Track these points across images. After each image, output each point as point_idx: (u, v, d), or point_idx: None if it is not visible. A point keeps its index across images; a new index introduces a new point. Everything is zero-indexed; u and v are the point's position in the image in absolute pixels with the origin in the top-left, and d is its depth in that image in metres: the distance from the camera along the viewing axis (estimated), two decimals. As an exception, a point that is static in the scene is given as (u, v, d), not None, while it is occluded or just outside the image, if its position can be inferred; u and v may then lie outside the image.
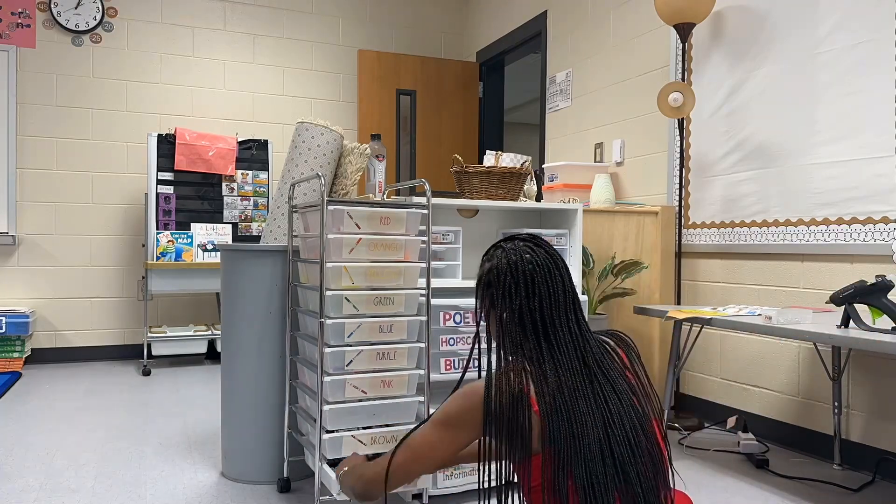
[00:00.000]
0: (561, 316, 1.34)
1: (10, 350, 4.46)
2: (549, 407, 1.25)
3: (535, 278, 1.34)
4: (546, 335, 1.33)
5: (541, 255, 1.37)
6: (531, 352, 1.32)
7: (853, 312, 2.01)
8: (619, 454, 1.25)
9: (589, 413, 1.26)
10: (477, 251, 2.82)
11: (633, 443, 1.26)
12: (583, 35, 4.39)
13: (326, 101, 5.57)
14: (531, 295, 1.34)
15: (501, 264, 1.37)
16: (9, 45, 4.69)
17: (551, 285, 1.35)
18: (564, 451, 1.24)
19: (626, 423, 1.27)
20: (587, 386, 1.29)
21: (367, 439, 2.10)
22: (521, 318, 1.34)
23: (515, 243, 1.39)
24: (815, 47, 2.83)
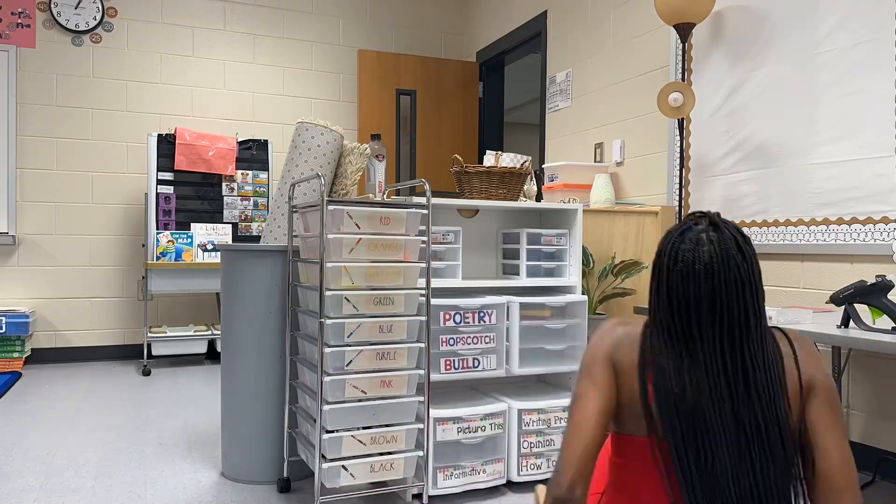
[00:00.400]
0: (715, 330, 1.25)
1: (10, 350, 4.46)
2: (665, 392, 1.21)
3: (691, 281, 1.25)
4: (690, 335, 1.25)
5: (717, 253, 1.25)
6: (671, 337, 1.26)
7: (853, 312, 2.01)
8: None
9: (714, 415, 1.20)
10: (477, 251, 2.82)
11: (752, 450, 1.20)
12: (583, 35, 4.39)
13: (326, 101, 5.57)
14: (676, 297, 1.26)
15: (684, 248, 1.26)
16: (9, 45, 4.69)
17: (709, 304, 1.25)
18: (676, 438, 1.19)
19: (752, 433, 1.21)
20: (718, 389, 1.22)
21: (366, 439, 2.10)
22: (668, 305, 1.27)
23: (697, 235, 1.26)
24: (815, 47, 2.83)
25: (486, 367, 2.44)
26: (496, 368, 2.45)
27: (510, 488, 2.48)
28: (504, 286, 2.62)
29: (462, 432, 2.35)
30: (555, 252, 2.69)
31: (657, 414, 1.22)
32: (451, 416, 2.34)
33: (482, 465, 2.40)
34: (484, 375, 2.44)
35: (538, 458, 2.48)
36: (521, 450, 2.45)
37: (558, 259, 2.70)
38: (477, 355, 2.42)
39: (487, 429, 2.40)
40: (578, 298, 2.60)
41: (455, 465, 2.35)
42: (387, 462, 2.14)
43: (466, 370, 2.40)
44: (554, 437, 2.50)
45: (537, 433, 2.47)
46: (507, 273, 2.77)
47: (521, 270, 2.63)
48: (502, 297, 2.47)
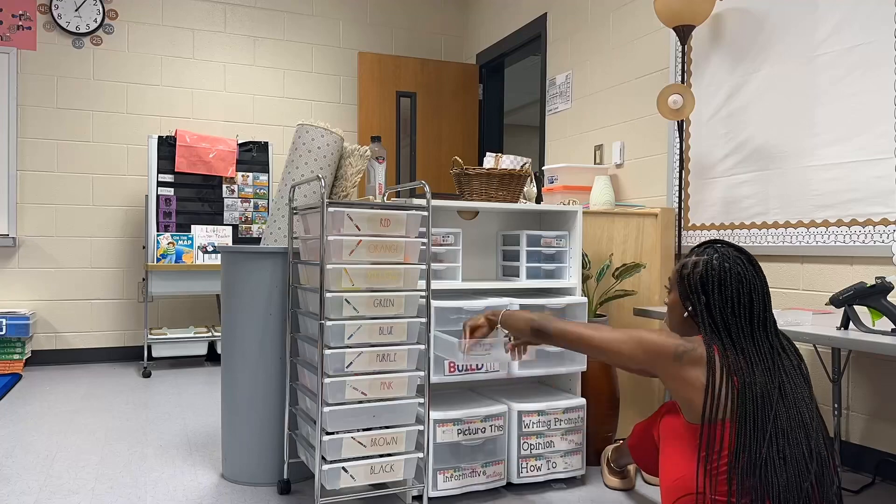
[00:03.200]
0: (762, 326, 1.64)
1: (11, 352, 4.47)
2: (745, 384, 1.53)
3: (751, 290, 1.64)
4: (750, 339, 1.62)
5: (751, 272, 1.66)
6: (734, 342, 1.60)
7: (853, 314, 2.01)
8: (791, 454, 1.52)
9: (778, 395, 1.54)
10: (477, 253, 2.82)
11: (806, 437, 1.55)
12: (583, 37, 4.39)
13: (326, 104, 5.58)
14: (744, 301, 1.64)
15: (724, 267, 1.65)
16: (9, 47, 4.69)
17: (758, 300, 1.64)
18: (751, 420, 1.52)
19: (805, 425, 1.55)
20: (777, 384, 1.56)
21: (366, 441, 2.11)
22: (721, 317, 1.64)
23: (740, 256, 1.68)
24: (815, 49, 2.84)
25: (489, 368, 2.44)
26: (498, 370, 2.46)
27: (510, 490, 2.48)
28: (504, 288, 2.62)
29: (462, 434, 2.36)
30: (554, 254, 2.70)
31: (731, 401, 1.53)
32: (451, 417, 2.34)
33: (482, 466, 2.40)
34: (486, 377, 2.45)
35: (538, 459, 2.48)
36: (521, 451, 2.45)
37: (558, 261, 2.70)
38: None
39: (487, 430, 2.40)
40: (578, 300, 2.60)
41: (455, 467, 2.35)
42: (387, 464, 2.14)
43: (469, 372, 2.40)
44: (554, 439, 2.50)
45: (537, 435, 2.47)
46: (507, 275, 2.77)
47: (521, 272, 2.63)
48: (503, 299, 2.48)
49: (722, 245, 1.70)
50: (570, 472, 2.54)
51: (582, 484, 2.55)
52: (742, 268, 1.64)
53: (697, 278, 1.68)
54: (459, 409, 2.39)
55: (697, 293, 1.67)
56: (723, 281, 1.64)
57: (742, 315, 1.61)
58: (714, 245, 1.70)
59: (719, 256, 1.67)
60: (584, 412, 2.57)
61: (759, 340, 1.61)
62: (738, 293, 1.62)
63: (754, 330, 1.62)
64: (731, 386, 1.54)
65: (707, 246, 1.71)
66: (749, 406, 1.52)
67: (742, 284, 1.63)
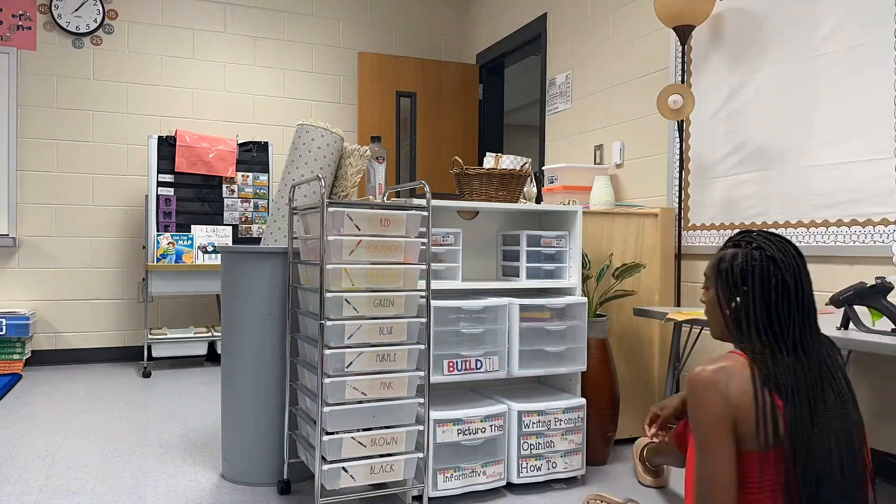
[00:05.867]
0: (807, 322, 1.47)
1: (10, 352, 4.47)
2: (792, 400, 1.38)
3: (789, 282, 1.46)
4: (794, 337, 1.45)
5: (792, 259, 1.48)
6: (776, 347, 1.44)
7: (853, 314, 2.01)
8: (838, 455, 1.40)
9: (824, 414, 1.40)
10: (477, 253, 2.82)
11: (850, 447, 1.42)
12: (583, 37, 4.39)
13: (326, 103, 5.58)
14: (785, 297, 1.46)
15: (755, 262, 1.48)
16: (9, 47, 4.69)
17: (801, 293, 1.47)
18: (802, 442, 1.37)
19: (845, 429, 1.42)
20: (822, 388, 1.42)
21: (366, 441, 2.11)
22: (766, 317, 1.46)
23: (767, 241, 1.50)
24: (815, 49, 2.84)
25: (489, 368, 2.44)
26: (498, 370, 2.46)
27: (510, 490, 2.48)
28: (504, 288, 2.62)
29: (462, 434, 2.36)
30: (555, 254, 2.70)
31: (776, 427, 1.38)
32: (451, 417, 2.34)
33: (482, 466, 2.40)
34: (486, 377, 2.45)
35: (538, 459, 2.48)
36: (520, 451, 2.45)
37: (558, 261, 2.70)
38: (479, 357, 2.42)
39: (487, 430, 2.40)
40: (578, 300, 2.60)
41: (455, 467, 2.35)
42: (387, 464, 2.14)
43: (469, 372, 2.40)
44: (554, 439, 2.50)
45: (537, 435, 2.47)
46: (507, 275, 2.77)
47: (521, 272, 2.63)
48: (503, 299, 2.48)
49: (760, 234, 1.52)
50: (570, 473, 2.54)
51: (582, 484, 2.55)
52: (782, 254, 1.47)
53: (738, 272, 1.50)
54: (459, 409, 2.39)
55: (738, 287, 1.49)
56: (765, 272, 1.46)
57: (789, 311, 1.44)
58: (752, 234, 1.53)
59: (753, 245, 1.50)
60: (584, 412, 2.57)
61: (806, 343, 1.45)
62: (783, 284, 1.45)
63: (803, 328, 1.45)
64: (775, 410, 1.39)
65: (745, 234, 1.54)
66: (795, 430, 1.38)
67: (786, 272, 1.45)
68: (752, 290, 1.47)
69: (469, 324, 2.41)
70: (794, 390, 1.39)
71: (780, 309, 1.45)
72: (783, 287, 1.45)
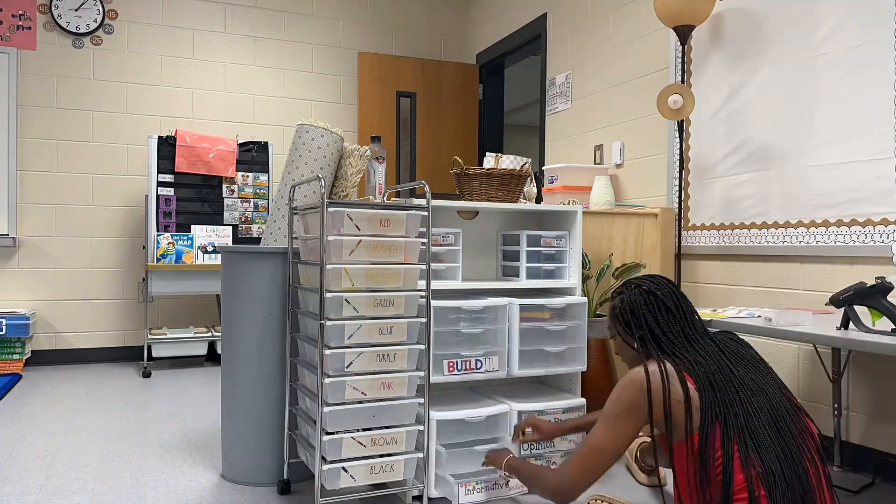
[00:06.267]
0: (692, 326, 1.79)
1: (10, 352, 4.47)
2: (703, 380, 1.64)
3: (668, 303, 1.81)
4: (685, 339, 1.76)
5: (667, 283, 1.84)
6: (676, 350, 1.74)
7: (853, 314, 2.01)
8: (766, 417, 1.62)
9: (737, 384, 1.65)
10: (477, 253, 2.82)
11: (779, 408, 1.64)
12: (583, 37, 4.39)
13: (326, 104, 5.58)
14: (667, 314, 1.80)
15: (638, 298, 1.84)
16: (9, 47, 4.69)
17: (679, 307, 1.82)
18: (721, 412, 1.60)
19: (763, 390, 1.66)
20: (726, 363, 1.69)
21: (367, 441, 2.11)
22: (663, 326, 1.78)
23: (647, 277, 1.88)
24: (815, 49, 2.84)
25: (489, 368, 2.44)
26: (498, 370, 2.46)
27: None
28: (504, 288, 2.62)
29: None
30: (555, 254, 2.70)
31: (704, 402, 1.62)
32: (451, 417, 2.34)
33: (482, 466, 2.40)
34: (486, 377, 2.45)
35: (538, 459, 2.48)
36: (520, 452, 2.45)
37: (558, 261, 2.70)
38: (479, 357, 2.42)
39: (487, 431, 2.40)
40: (578, 300, 2.60)
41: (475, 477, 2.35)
42: (387, 464, 2.14)
43: (469, 371, 2.40)
44: (554, 439, 2.50)
45: (537, 435, 2.47)
46: (507, 275, 2.77)
47: (521, 272, 2.63)
48: (503, 299, 2.48)
49: (636, 278, 1.91)
50: (570, 472, 2.54)
51: (582, 484, 2.55)
52: (654, 285, 1.84)
53: (627, 310, 1.85)
54: (459, 409, 2.38)
55: (631, 320, 1.84)
56: (646, 302, 1.82)
57: (674, 322, 1.78)
58: (630, 280, 1.91)
59: (632, 287, 1.87)
60: (584, 412, 2.57)
61: (696, 342, 1.76)
62: (664, 306, 1.80)
63: (690, 331, 1.78)
64: (688, 390, 1.64)
65: (622, 286, 1.92)
66: (712, 408, 1.62)
67: (663, 297, 1.81)
68: (643, 318, 1.81)
69: (469, 324, 2.41)
70: (703, 374, 1.66)
71: (669, 324, 1.78)
72: (664, 307, 1.80)
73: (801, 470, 1.56)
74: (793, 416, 1.64)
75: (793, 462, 1.56)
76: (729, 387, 1.64)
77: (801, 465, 1.57)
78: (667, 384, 1.67)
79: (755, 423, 1.60)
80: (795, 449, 1.58)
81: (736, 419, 1.60)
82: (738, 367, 1.70)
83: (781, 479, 1.54)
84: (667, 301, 1.81)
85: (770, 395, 1.66)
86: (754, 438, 1.58)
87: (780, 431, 1.60)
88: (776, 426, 1.61)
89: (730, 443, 1.57)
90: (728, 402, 1.61)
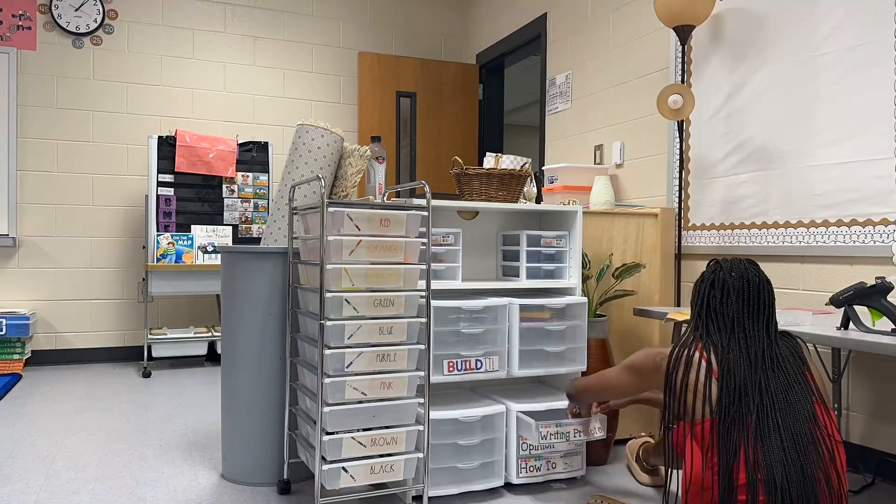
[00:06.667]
0: (754, 319, 1.74)
1: (10, 352, 4.47)
2: (725, 371, 1.65)
3: (742, 289, 1.76)
4: (734, 328, 1.73)
5: (751, 272, 1.78)
6: (721, 335, 1.73)
7: (853, 314, 2.01)
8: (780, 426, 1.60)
9: (757, 377, 1.64)
10: (477, 253, 2.82)
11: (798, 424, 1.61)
12: (583, 37, 4.39)
13: (326, 104, 5.58)
14: (734, 300, 1.76)
15: (714, 271, 1.81)
16: (9, 47, 4.69)
17: (752, 294, 1.76)
18: (733, 408, 1.61)
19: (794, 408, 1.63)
20: (762, 362, 1.67)
21: (366, 441, 2.11)
22: (718, 314, 1.76)
23: (736, 261, 1.84)
24: (815, 49, 2.84)
25: (489, 368, 2.44)
26: (498, 370, 2.46)
27: (509, 490, 2.48)
28: (504, 288, 2.62)
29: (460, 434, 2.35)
30: (555, 254, 2.70)
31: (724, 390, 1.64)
32: (451, 417, 2.34)
33: (481, 466, 2.40)
34: (486, 377, 2.45)
35: (538, 460, 2.48)
36: (520, 452, 2.45)
37: (558, 261, 2.70)
38: (479, 357, 2.42)
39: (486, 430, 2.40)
40: (578, 300, 2.60)
41: (454, 467, 2.35)
42: (387, 464, 2.14)
43: (469, 371, 2.40)
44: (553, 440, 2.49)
45: (537, 435, 2.47)
46: (507, 275, 2.77)
47: (521, 272, 2.63)
48: (503, 299, 2.48)
49: (724, 262, 1.84)
50: (570, 473, 2.54)
51: (582, 485, 2.55)
52: (735, 267, 1.78)
53: (699, 284, 1.85)
54: (459, 409, 2.38)
55: (696, 295, 1.83)
56: (714, 279, 1.80)
57: (728, 307, 1.74)
58: (717, 264, 1.84)
59: (716, 261, 1.84)
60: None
61: (747, 338, 1.71)
62: (712, 293, 1.78)
63: (743, 322, 1.73)
64: (710, 381, 1.66)
65: (715, 264, 1.86)
66: (725, 399, 1.63)
67: (733, 279, 1.76)
68: (702, 293, 1.81)
69: (469, 324, 2.41)
70: (731, 364, 1.66)
71: (724, 306, 1.75)
72: (724, 288, 1.76)
73: (809, 481, 1.54)
74: (817, 440, 1.60)
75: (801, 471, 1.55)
76: (756, 385, 1.63)
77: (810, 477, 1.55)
78: (689, 373, 1.69)
79: (768, 428, 1.59)
80: (810, 469, 1.56)
81: (750, 418, 1.59)
82: (777, 373, 1.67)
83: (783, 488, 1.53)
84: (732, 284, 1.76)
85: (798, 409, 1.62)
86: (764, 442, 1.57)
87: (798, 448, 1.58)
88: (792, 434, 1.59)
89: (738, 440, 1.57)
90: (747, 402, 1.61)
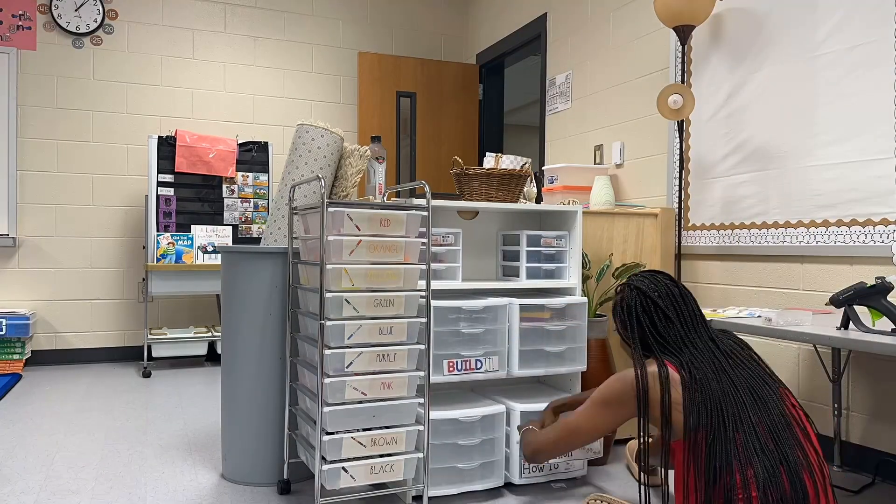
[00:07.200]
0: (694, 327, 1.82)
1: (11, 352, 4.47)
2: (699, 382, 1.67)
3: (664, 306, 1.84)
4: (684, 340, 1.79)
5: (669, 285, 1.86)
6: (674, 351, 1.77)
7: (853, 314, 2.01)
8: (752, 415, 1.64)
9: (724, 382, 1.68)
10: (477, 253, 2.82)
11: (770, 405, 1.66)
12: (583, 37, 4.39)
13: (326, 104, 5.58)
14: (665, 319, 1.83)
15: (636, 300, 1.86)
16: (9, 47, 4.69)
17: (678, 311, 1.84)
18: (704, 413, 1.63)
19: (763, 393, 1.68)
20: (722, 366, 1.72)
21: (367, 441, 2.11)
22: (661, 330, 1.82)
23: (649, 276, 1.90)
24: (815, 49, 2.84)
25: (489, 368, 2.44)
26: (498, 370, 2.46)
27: (510, 490, 2.48)
28: (504, 288, 2.62)
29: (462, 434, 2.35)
30: (555, 254, 2.70)
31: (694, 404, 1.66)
32: (451, 417, 2.34)
33: (482, 467, 2.40)
34: (486, 377, 2.45)
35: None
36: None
37: (558, 261, 2.70)
38: (479, 357, 2.42)
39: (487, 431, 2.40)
40: (578, 300, 2.60)
41: (455, 467, 2.35)
42: (387, 464, 2.14)
43: (469, 372, 2.40)
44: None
45: (537, 435, 2.47)
46: (507, 275, 2.77)
47: (521, 272, 2.63)
48: (503, 299, 2.48)
49: (634, 276, 1.93)
50: (570, 473, 2.54)
51: (583, 484, 2.55)
52: (654, 286, 1.86)
53: (625, 311, 1.90)
54: (459, 409, 2.38)
55: (628, 324, 1.88)
56: (643, 305, 1.86)
57: (671, 327, 1.81)
58: (626, 283, 1.93)
59: (631, 288, 1.90)
60: (584, 412, 2.56)
61: (697, 342, 1.79)
62: (658, 310, 1.83)
63: (688, 333, 1.81)
64: (689, 396, 1.68)
65: (622, 285, 1.94)
66: (703, 415, 1.65)
67: (660, 301, 1.84)
68: (641, 321, 1.85)
69: (469, 324, 2.41)
70: (700, 377, 1.69)
71: (667, 328, 1.81)
72: (661, 313, 1.83)
73: (797, 476, 1.57)
74: (791, 423, 1.65)
75: (788, 467, 1.58)
76: (726, 390, 1.66)
77: (796, 471, 1.58)
78: (665, 385, 1.69)
79: (750, 428, 1.62)
80: (791, 455, 1.59)
81: (730, 422, 1.62)
82: (737, 370, 1.72)
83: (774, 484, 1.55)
84: (663, 304, 1.83)
85: (767, 399, 1.67)
86: (749, 443, 1.59)
87: (777, 438, 1.61)
88: (772, 432, 1.62)
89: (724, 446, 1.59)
90: (723, 407, 1.64)
